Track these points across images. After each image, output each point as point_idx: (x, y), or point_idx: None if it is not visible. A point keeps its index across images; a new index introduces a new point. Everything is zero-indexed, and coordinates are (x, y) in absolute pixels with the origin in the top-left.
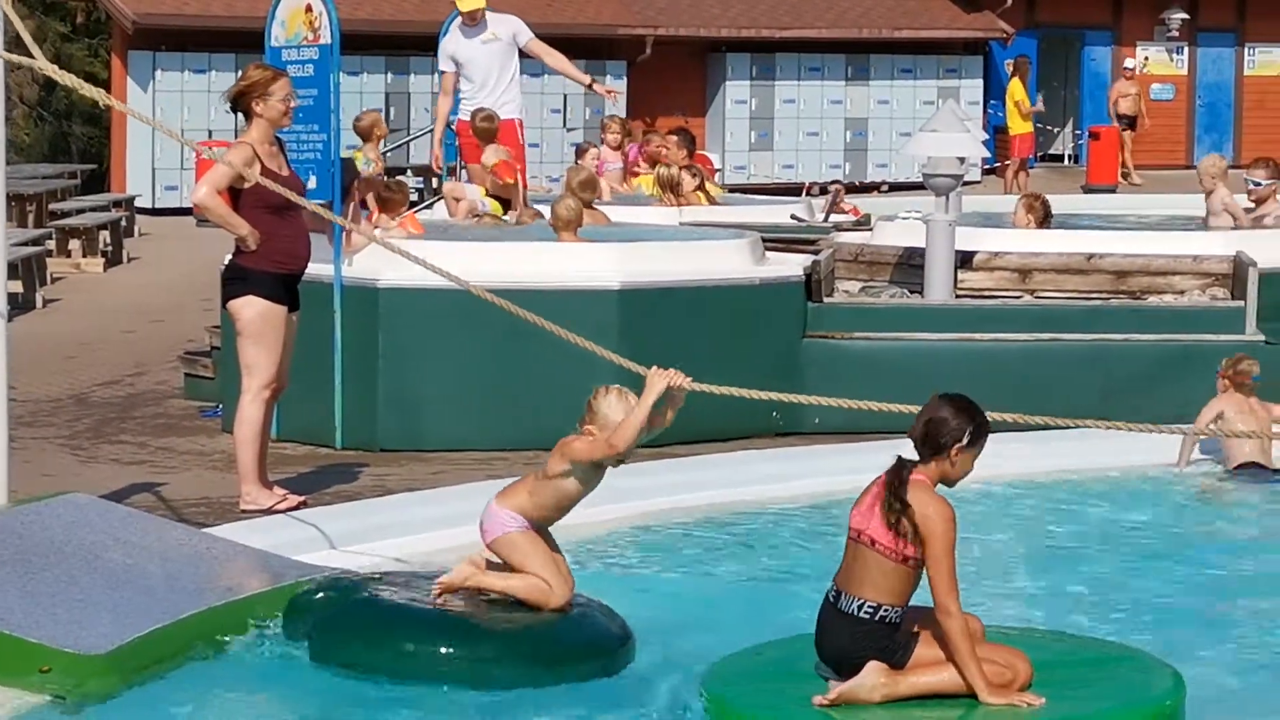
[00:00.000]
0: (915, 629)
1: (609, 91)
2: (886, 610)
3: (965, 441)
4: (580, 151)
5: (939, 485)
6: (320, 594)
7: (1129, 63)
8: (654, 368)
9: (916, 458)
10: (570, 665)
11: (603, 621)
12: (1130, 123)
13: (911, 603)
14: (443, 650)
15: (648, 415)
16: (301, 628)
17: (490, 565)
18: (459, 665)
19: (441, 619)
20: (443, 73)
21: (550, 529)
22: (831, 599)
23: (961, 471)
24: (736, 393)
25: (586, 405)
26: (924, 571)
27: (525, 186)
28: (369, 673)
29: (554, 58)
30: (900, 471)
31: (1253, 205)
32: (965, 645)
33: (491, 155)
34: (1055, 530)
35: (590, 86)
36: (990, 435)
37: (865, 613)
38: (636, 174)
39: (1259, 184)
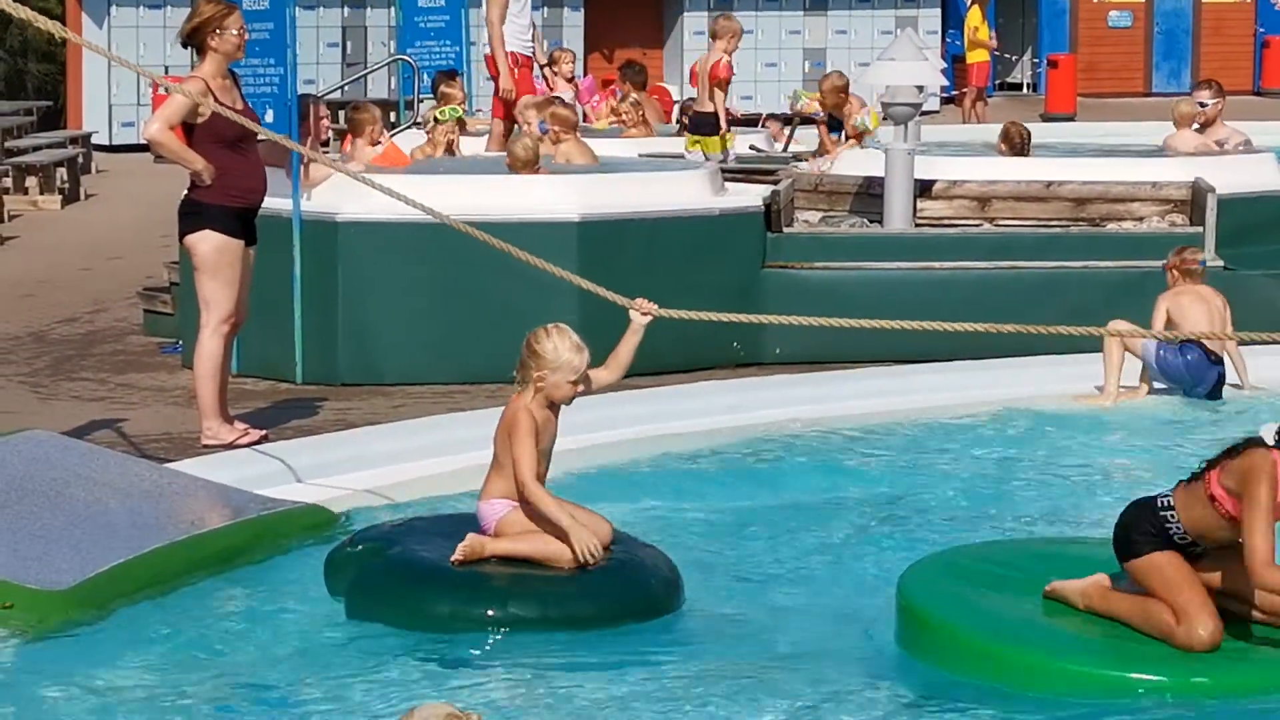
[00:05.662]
0: (1182, 562)
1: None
2: (1171, 519)
3: None
4: (552, 59)
5: None
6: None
7: None
8: (639, 299)
9: None
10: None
11: (647, 568)
12: None
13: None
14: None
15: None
16: (339, 585)
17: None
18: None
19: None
20: None
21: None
22: None
23: None
24: (708, 317)
25: (526, 351)
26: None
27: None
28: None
29: (496, 8)
30: (1251, 440)
31: (1199, 127)
32: None
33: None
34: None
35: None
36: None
37: (1160, 503)
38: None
39: (1204, 105)
